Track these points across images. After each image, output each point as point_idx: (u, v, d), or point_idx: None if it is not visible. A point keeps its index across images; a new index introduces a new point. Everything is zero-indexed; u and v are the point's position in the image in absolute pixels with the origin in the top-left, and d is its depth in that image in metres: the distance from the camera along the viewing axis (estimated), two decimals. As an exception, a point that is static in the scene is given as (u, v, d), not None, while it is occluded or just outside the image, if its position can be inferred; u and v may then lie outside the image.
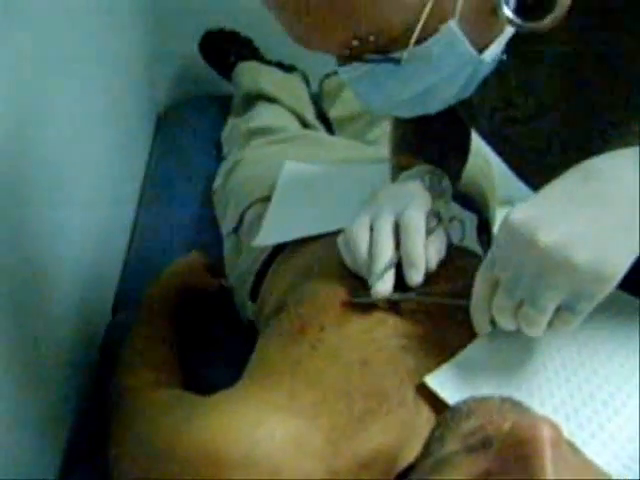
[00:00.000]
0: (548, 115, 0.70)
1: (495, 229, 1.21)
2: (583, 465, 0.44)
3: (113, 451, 0.74)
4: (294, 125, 1.44)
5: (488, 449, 0.43)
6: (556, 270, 0.52)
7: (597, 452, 0.54)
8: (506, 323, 0.57)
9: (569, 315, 0.54)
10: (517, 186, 0.84)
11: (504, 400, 0.48)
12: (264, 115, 1.42)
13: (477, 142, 0.93)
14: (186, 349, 0.94)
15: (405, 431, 0.57)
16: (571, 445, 0.46)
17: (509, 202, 1.74)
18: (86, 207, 1.06)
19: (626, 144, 0.58)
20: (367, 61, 0.59)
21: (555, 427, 0.42)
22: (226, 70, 1.70)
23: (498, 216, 1.24)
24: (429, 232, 0.73)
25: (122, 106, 1.38)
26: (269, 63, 1.69)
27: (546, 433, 0.40)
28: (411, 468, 0.49)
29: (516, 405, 0.48)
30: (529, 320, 0.55)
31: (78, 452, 0.89)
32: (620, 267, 0.52)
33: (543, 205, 0.55)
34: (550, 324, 0.55)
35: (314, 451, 0.56)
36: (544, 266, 0.52)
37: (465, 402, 0.49)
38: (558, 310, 0.54)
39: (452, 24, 0.56)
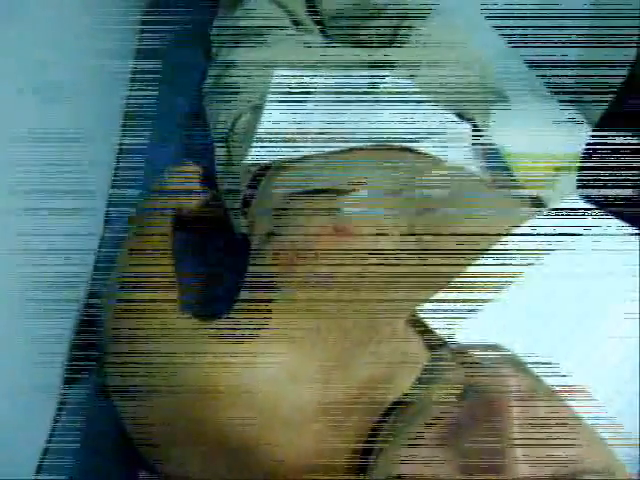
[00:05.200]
0: None
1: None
2: (557, 414, 0.44)
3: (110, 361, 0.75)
4: (285, 23, 1.38)
5: (462, 400, 0.44)
6: None
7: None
8: None
9: None
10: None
11: (488, 347, 0.48)
12: (254, 13, 1.36)
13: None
14: (182, 263, 0.94)
15: (395, 361, 0.58)
16: (549, 394, 0.46)
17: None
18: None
19: None
20: None
21: (526, 380, 0.43)
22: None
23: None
24: None
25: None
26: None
27: (515, 389, 0.41)
28: (401, 403, 0.50)
29: (500, 356, 0.48)
30: None
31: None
32: None
33: None
34: None
35: (308, 380, 0.57)
36: None
37: (452, 351, 0.49)
38: None
39: None
